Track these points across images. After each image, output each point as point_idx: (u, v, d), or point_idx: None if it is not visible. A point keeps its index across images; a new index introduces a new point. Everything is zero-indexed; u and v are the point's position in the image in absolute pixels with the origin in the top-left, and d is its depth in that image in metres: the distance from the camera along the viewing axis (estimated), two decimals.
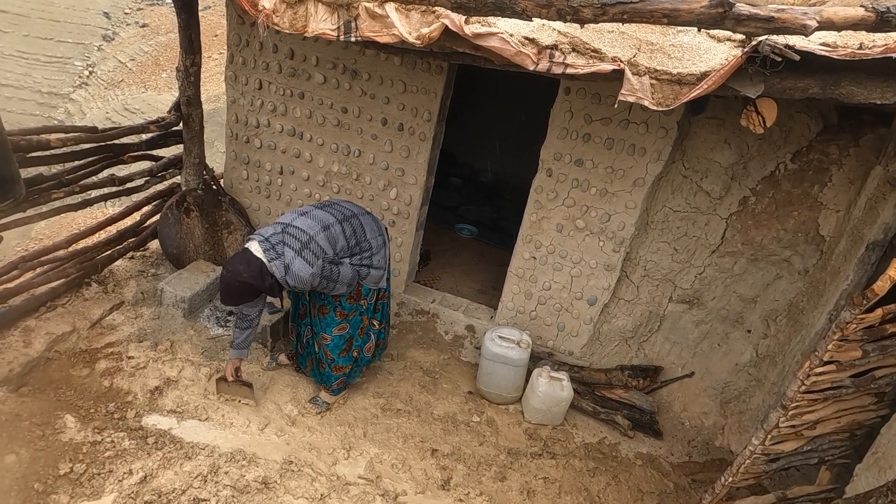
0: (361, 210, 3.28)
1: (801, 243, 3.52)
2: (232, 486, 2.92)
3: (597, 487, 3.40)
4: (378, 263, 3.22)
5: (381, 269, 3.26)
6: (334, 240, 3.02)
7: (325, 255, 2.97)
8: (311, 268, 2.89)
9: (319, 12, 2.70)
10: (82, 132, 3.60)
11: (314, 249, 2.91)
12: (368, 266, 3.19)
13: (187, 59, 3.93)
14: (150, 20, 20.16)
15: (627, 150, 3.55)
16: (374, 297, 3.36)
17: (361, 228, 3.17)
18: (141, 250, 4.57)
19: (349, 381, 3.59)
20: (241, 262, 2.89)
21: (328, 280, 3.00)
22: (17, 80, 18.21)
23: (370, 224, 3.23)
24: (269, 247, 2.88)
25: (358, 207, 3.29)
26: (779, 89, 2.33)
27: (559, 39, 2.46)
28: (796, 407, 2.44)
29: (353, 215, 3.19)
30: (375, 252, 3.20)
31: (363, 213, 3.26)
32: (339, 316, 3.29)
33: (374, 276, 3.25)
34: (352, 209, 3.23)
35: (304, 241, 2.91)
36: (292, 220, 3.01)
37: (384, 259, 3.28)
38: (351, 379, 3.59)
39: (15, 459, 2.80)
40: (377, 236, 3.23)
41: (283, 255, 2.87)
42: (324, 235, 2.98)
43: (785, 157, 3.41)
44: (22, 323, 3.54)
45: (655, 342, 4.09)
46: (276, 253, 2.88)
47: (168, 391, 3.44)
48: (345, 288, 3.12)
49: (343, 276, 3.06)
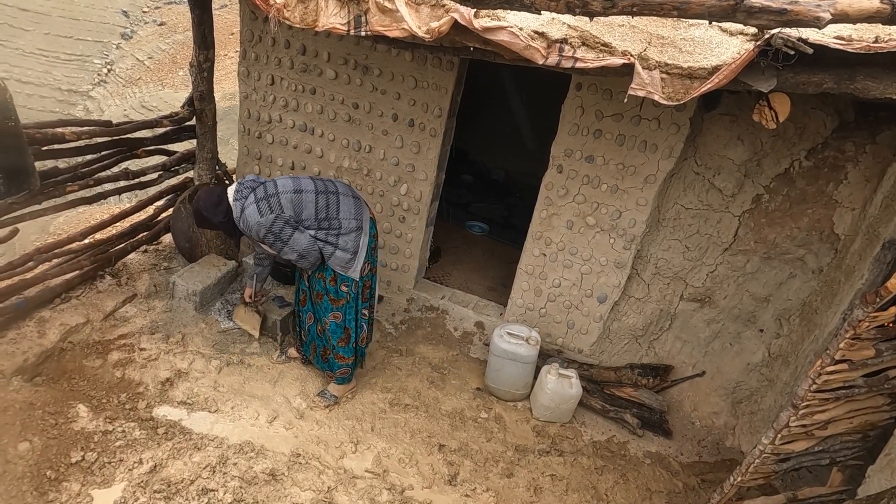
0: (349, 191, 3.26)
1: (815, 242, 3.47)
2: (240, 477, 2.95)
3: (605, 486, 3.38)
4: (344, 245, 3.16)
5: (347, 253, 3.17)
6: (301, 205, 3.07)
7: (283, 214, 3.02)
8: (261, 218, 2.99)
9: (330, 7, 2.71)
10: (97, 126, 3.65)
11: (273, 204, 3.01)
12: (334, 245, 3.15)
13: (200, 54, 3.97)
14: (167, 18, 20.38)
15: (639, 147, 3.53)
16: (356, 286, 3.31)
17: (336, 206, 3.15)
18: (154, 244, 4.62)
19: (350, 378, 3.59)
20: (211, 194, 3.15)
21: (276, 238, 3.04)
22: (37, 78, 18.51)
23: (349, 205, 3.18)
24: (240, 188, 3.09)
25: (348, 189, 3.27)
26: (792, 84, 2.29)
27: (569, 33, 2.45)
28: (807, 406, 2.41)
29: (335, 192, 3.19)
30: (344, 233, 3.15)
31: (347, 195, 3.22)
32: (332, 302, 3.32)
33: (340, 257, 3.17)
34: (337, 187, 3.23)
35: (269, 193, 3.04)
36: (277, 178, 3.19)
37: (355, 245, 3.19)
38: (351, 376, 3.59)
39: (28, 447, 2.85)
40: (351, 219, 3.17)
41: (245, 199, 3.04)
42: (291, 196, 3.06)
43: (800, 154, 3.36)
44: (37, 313, 3.60)
45: (666, 341, 4.06)
46: (241, 195, 3.06)
47: (179, 383, 3.48)
48: (295, 255, 3.10)
49: (296, 242, 3.06)
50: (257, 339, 3.80)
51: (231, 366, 3.67)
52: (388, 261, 4.47)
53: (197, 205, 3.16)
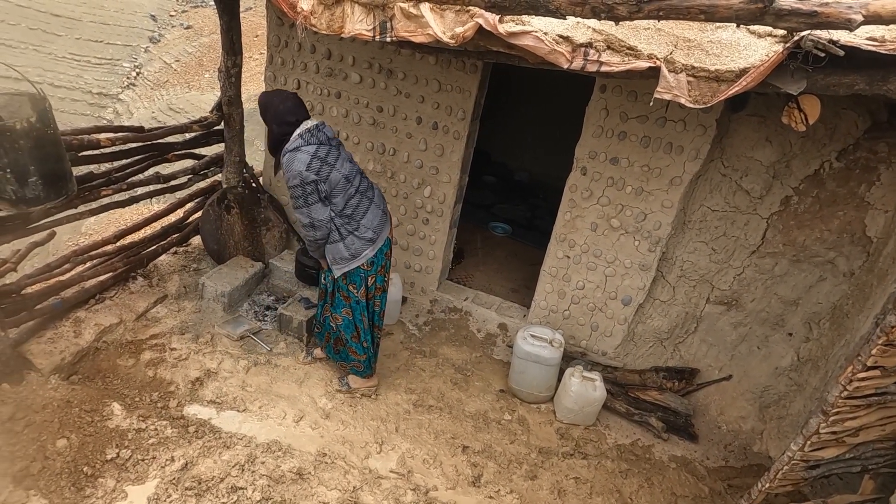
0: (381, 205, 3.28)
1: (846, 244, 3.40)
2: (268, 475, 3.01)
3: (629, 489, 3.37)
4: (350, 244, 3.16)
5: (348, 252, 3.17)
6: (341, 190, 3.05)
7: (322, 184, 2.98)
8: (305, 171, 2.93)
9: (356, 13, 2.75)
10: (129, 132, 3.74)
11: (322, 171, 2.97)
12: (341, 238, 3.15)
13: (228, 60, 4.05)
14: (194, 22, 20.74)
15: (664, 149, 3.50)
16: (364, 290, 3.33)
17: (364, 211, 3.15)
18: (184, 246, 4.72)
19: (367, 372, 3.62)
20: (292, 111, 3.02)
21: (302, 196, 2.99)
22: (69, 82, 19.00)
23: (375, 216, 3.19)
24: (313, 133, 3.00)
25: (382, 203, 3.30)
26: (822, 86, 2.25)
27: (594, 37, 2.44)
28: (837, 413, 2.37)
29: (371, 199, 3.20)
30: (357, 235, 3.15)
31: (379, 207, 3.25)
32: (344, 299, 3.36)
33: (339, 251, 3.17)
34: (374, 195, 3.25)
35: (326, 161, 2.98)
36: (343, 152, 3.12)
37: (358, 250, 3.18)
38: (367, 370, 3.62)
39: (66, 444, 2.95)
40: (370, 229, 3.17)
41: (307, 145, 2.97)
42: (340, 178, 3.03)
43: (830, 155, 3.30)
44: (73, 314, 3.71)
45: (692, 344, 4.02)
46: (307, 140, 2.97)
47: (208, 382, 3.56)
48: (307, 221, 3.07)
49: (315, 210, 3.03)
50: None
51: (258, 366, 3.74)
52: (412, 262, 4.51)
53: (279, 98, 3.05)
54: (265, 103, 3.08)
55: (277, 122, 3.02)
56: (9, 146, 2.57)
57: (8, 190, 2.68)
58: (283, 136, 3.03)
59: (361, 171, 3.24)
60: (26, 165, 2.64)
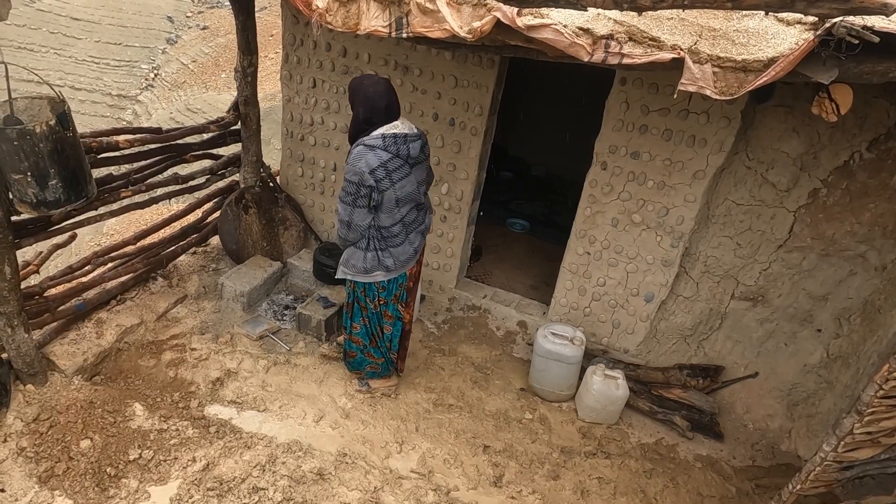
0: (418, 242, 3.18)
1: (877, 237, 3.29)
2: (289, 476, 3.01)
3: (654, 489, 3.31)
4: (371, 258, 3.06)
5: (365, 264, 3.06)
6: (390, 207, 2.92)
7: (375, 192, 2.86)
8: (366, 172, 2.79)
9: (371, 10, 2.71)
10: (148, 133, 3.76)
11: (384, 181, 2.83)
12: (365, 249, 3.05)
13: (245, 59, 4.04)
14: (210, 22, 20.90)
15: (687, 142, 3.42)
16: (377, 303, 3.25)
17: (401, 240, 3.06)
18: (202, 246, 4.74)
19: (384, 373, 3.61)
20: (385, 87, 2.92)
21: (353, 193, 2.86)
22: (89, 84, 19.28)
23: (406, 249, 3.11)
24: (393, 142, 2.85)
25: (420, 240, 3.21)
26: (854, 74, 2.17)
27: (615, 29, 2.38)
28: (872, 413, 2.29)
29: (414, 230, 3.13)
30: (381, 254, 3.06)
31: (414, 243, 3.15)
32: (361, 307, 3.30)
33: (356, 258, 3.07)
34: (420, 232, 3.17)
35: (392, 175, 2.84)
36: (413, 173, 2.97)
37: (373, 265, 3.08)
38: (385, 371, 3.61)
39: (90, 444, 2.97)
40: (394, 259, 3.08)
41: (382, 150, 2.82)
42: (394, 197, 2.89)
43: (860, 145, 3.20)
44: (95, 315, 3.74)
45: (716, 341, 3.94)
46: (384, 145, 2.83)
47: (228, 382, 3.57)
48: (346, 218, 2.94)
49: (359, 213, 2.91)
50: None
51: (278, 365, 3.74)
52: (430, 260, 4.47)
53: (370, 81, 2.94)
54: (355, 86, 2.94)
55: (365, 105, 2.87)
56: (29, 150, 2.58)
57: (29, 193, 2.69)
58: (366, 124, 2.87)
59: (420, 202, 3.10)
60: (46, 168, 2.65)
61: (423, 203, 3.17)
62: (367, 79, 2.98)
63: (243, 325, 4.00)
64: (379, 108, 2.87)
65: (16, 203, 2.77)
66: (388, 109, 2.88)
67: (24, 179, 2.64)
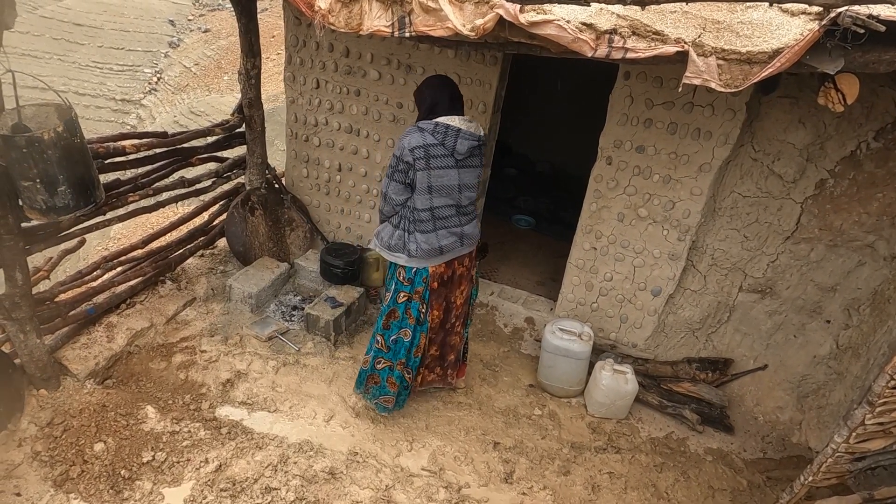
0: (447, 239, 3.06)
1: (886, 227, 3.28)
2: (301, 475, 3.02)
3: (665, 483, 3.31)
4: (399, 235, 3.06)
5: (404, 254, 3.06)
6: (417, 183, 2.93)
7: (412, 170, 2.91)
8: (406, 147, 2.88)
9: (374, 9, 2.71)
10: (154, 137, 3.78)
11: (418, 155, 2.88)
12: (396, 226, 3.07)
13: (248, 62, 4.06)
14: (211, 25, 20.94)
15: (692, 135, 3.41)
16: (400, 294, 3.16)
17: (427, 229, 3.01)
18: (210, 248, 4.77)
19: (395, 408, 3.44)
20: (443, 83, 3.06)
21: (394, 167, 2.96)
22: (93, 89, 19.36)
23: (428, 241, 3.03)
24: (442, 133, 2.90)
25: (448, 238, 3.07)
26: (861, 63, 2.15)
27: (618, 23, 2.37)
28: (884, 403, 2.28)
29: (437, 229, 3.04)
30: (411, 234, 3.03)
31: (440, 240, 3.04)
32: (388, 293, 3.23)
33: (387, 232, 3.09)
34: (447, 229, 3.06)
35: (429, 154, 2.88)
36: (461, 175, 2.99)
37: (408, 258, 3.05)
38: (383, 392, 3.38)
39: (103, 447, 3.00)
40: (419, 246, 3.02)
41: (427, 131, 2.90)
42: (423, 177, 2.91)
43: (867, 135, 3.18)
44: (105, 319, 3.77)
45: (725, 333, 3.93)
46: (430, 128, 2.89)
47: (239, 383, 3.59)
48: (385, 190, 3.02)
49: (396, 187, 2.97)
50: None
51: (287, 366, 3.76)
52: None
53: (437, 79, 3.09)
54: (424, 82, 3.10)
55: (430, 95, 3.00)
56: (38, 157, 2.60)
57: (38, 200, 2.71)
58: (430, 113, 2.96)
59: (459, 204, 3.04)
60: (55, 175, 2.67)
61: (463, 207, 3.08)
62: (434, 76, 3.16)
63: (252, 327, 4.02)
64: (442, 96, 2.98)
65: (26, 209, 2.79)
66: (451, 100, 2.98)
67: (33, 186, 2.66)
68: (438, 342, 3.40)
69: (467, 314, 3.47)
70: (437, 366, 3.51)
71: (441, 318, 3.29)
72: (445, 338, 3.40)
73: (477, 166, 3.05)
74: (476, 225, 3.20)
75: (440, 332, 3.36)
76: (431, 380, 3.56)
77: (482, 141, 3.02)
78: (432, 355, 3.44)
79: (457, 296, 3.28)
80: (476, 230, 3.20)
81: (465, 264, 3.24)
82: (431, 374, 3.53)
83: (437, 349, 3.42)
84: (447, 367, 3.54)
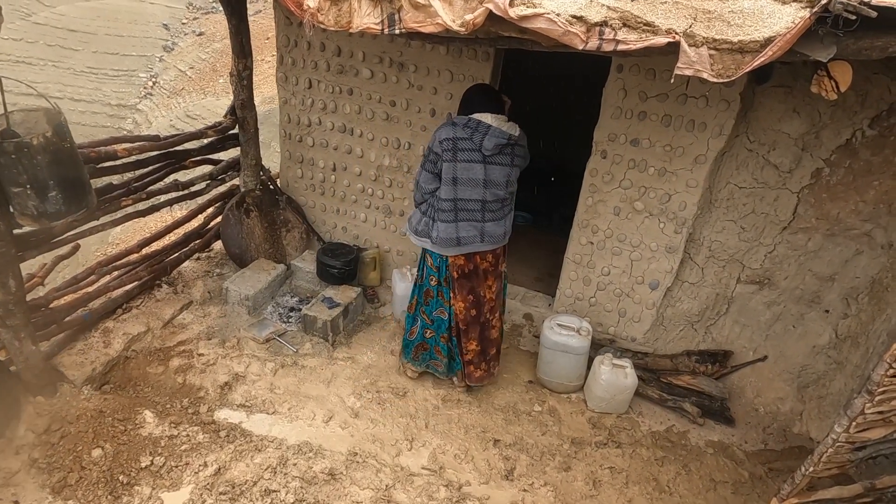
0: (466, 231, 3.18)
1: (883, 215, 3.26)
2: (300, 477, 3.01)
3: (666, 477, 3.30)
4: (419, 219, 3.26)
5: (426, 238, 3.24)
6: (443, 173, 3.10)
7: (439, 162, 3.10)
8: (437, 136, 3.09)
9: (363, 7, 2.70)
10: (146, 141, 3.76)
11: (446, 147, 3.05)
12: (423, 213, 3.26)
13: (239, 63, 4.04)
14: (205, 28, 20.91)
15: (686, 127, 3.39)
16: (432, 279, 3.37)
17: (447, 218, 3.15)
18: (206, 251, 4.75)
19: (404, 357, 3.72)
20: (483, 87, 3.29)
21: (424, 156, 3.21)
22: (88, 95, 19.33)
23: (447, 230, 3.16)
24: (472, 127, 3.05)
25: (470, 229, 3.19)
26: (853, 50, 2.14)
27: (609, 15, 2.35)
28: (884, 392, 2.27)
29: (457, 221, 3.16)
30: (434, 227, 3.20)
31: (460, 231, 3.16)
32: None
33: (416, 217, 3.29)
34: (467, 221, 3.17)
35: (456, 147, 3.04)
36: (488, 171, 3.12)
37: (429, 241, 3.24)
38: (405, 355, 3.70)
39: (101, 453, 2.98)
40: (439, 234, 3.17)
41: (458, 125, 3.07)
42: (448, 167, 3.07)
43: (862, 122, 3.16)
44: (102, 324, 3.76)
45: (724, 325, 3.92)
46: (462, 122, 3.07)
47: (237, 386, 3.57)
48: (417, 178, 3.26)
49: (422, 176, 3.21)
50: None
51: (286, 367, 3.75)
52: None
53: (483, 83, 3.39)
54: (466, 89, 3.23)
55: (468, 94, 3.16)
56: (28, 162, 2.58)
57: (29, 206, 2.69)
58: (466, 109, 3.12)
59: (485, 200, 3.13)
60: (45, 180, 2.65)
61: (488, 203, 3.15)
62: (478, 83, 3.39)
63: (249, 329, 4.01)
64: (480, 96, 3.12)
65: (17, 216, 2.77)
66: (486, 98, 3.11)
67: (23, 192, 2.64)
68: (477, 337, 3.47)
69: (502, 308, 3.60)
70: (482, 361, 3.56)
71: (474, 312, 3.39)
72: (483, 332, 3.48)
73: (506, 164, 3.14)
74: (502, 225, 3.28)
75: (475, 327, 3.44)
76: (479, 376, 3.60)
77: (512, 140, 3.11)
78: (474, 350, 3.50)
79: (485, 290, 3.38)
80: (500, 230, 3.27)
81: (489, 260, 3.32)
82: (478, 370, 3.58)
83: (476, 344, 3.49)
84: (490, 360, 3.60)
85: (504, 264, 3.46)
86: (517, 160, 3.20)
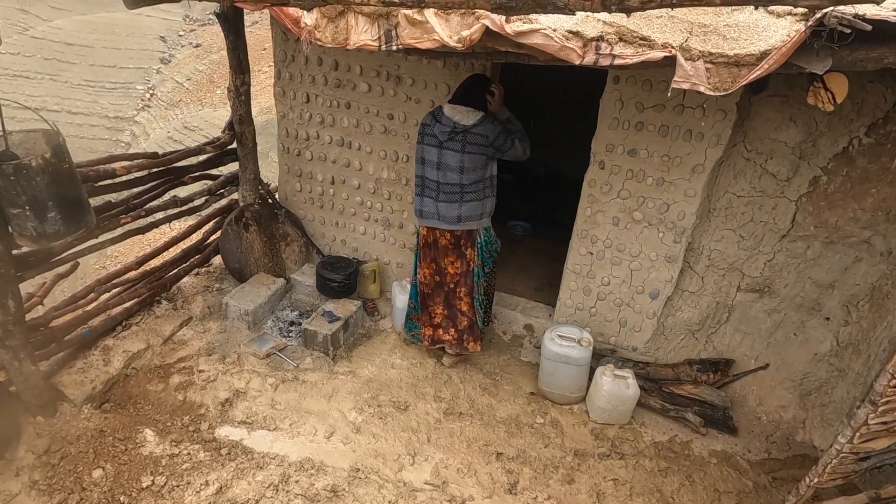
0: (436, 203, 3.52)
1: (881, 222, 3.27)
2: (302, 494, 2.99)
3: (670, 488, 3.28)
4: (416, 201, 3.65)
5: (416, 206, 3.65)
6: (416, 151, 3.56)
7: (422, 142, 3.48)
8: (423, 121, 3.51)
9: (360, 24, 2.71)
10: (144, 158, 3.76)
11: (420, 130, 3.51)
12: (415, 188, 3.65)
13: (237, 79, 4.05)
14: (202, 40, 20.98)
15: (684, 137, 3.40)
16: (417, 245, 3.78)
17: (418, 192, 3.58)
18: (205, 266, 4.74)
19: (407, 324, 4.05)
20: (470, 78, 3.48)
21: None
22: (86, 108, 19.37)
23: (421, 203, 3.58)
24: (431, 113, 3.46)
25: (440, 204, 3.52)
26: (849, 62, 2.15)
27: (605, 30, 2.37)
28: (887, 402, 2.27)
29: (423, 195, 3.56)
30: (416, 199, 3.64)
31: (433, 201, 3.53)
32: None
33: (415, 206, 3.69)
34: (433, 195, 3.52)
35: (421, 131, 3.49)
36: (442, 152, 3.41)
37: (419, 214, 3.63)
38: None
39: (102, 474, 2.97)
40: (418, 207, 3.60)
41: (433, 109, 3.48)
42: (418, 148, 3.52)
43: (858, 130, 3.17)
44: (101, 342, 3.75)
45: (725, 334, 3.91)
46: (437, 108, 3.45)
47: (237, 403, 3.56)
48: None
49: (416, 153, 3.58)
50: None
51: (286, 383, 3.74)
52: None
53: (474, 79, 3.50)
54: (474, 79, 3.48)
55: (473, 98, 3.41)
56: (26, 184, 2.58)
57: (28, 227, 2.69)
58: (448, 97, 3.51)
59: (440, 181, 3.45)
60: (44, 201, 2.65)
61: (443, 185, 3.46)
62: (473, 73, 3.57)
63: (250, 344, 4.00)
64: (460, 85, 3.43)
65: (16, 237, 2.77)
66: (460, 89, 3.40)
67: (22, 213, 2.64)
68: (442, 302, 3.80)
69: (472, 288, 3.75)
70: (452, 327, 3.83)
71: (437, 279, 3.75)
72: (449, 300, 3.79)
73: (457, 150, 3.37)
74: (456, 209, 3.51)
75: (440, 292, 3.78)
76: (447, 339, 3.86)
77: (459, 128, 3.32)
78: (441, 314, 3.82)
79: (447, 264, 3.70)
80: (454, 213, 3.52)
81: (448, 238, 3.62)
82: (446, 333, 3.85)
83: (443, 308, 3.81)
84: (462, 331, 3.82)
85: (472, 252, 3.65)
86: (469, 147, 3.35)
